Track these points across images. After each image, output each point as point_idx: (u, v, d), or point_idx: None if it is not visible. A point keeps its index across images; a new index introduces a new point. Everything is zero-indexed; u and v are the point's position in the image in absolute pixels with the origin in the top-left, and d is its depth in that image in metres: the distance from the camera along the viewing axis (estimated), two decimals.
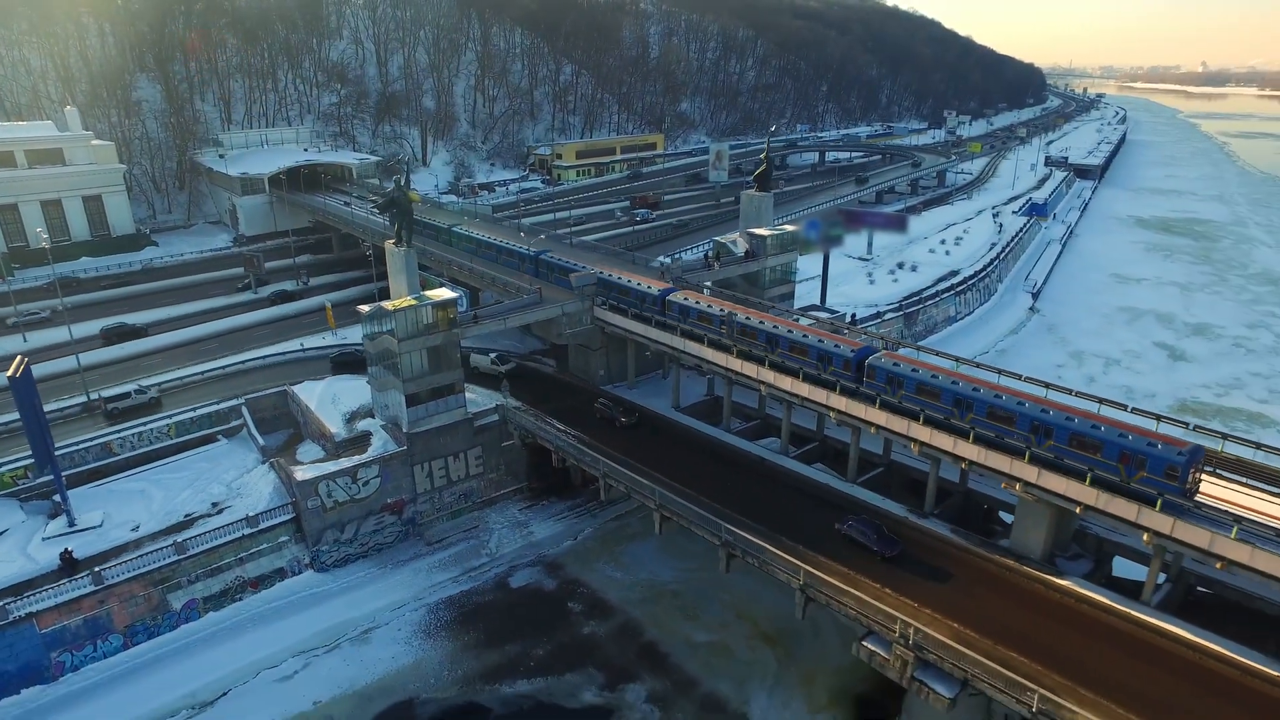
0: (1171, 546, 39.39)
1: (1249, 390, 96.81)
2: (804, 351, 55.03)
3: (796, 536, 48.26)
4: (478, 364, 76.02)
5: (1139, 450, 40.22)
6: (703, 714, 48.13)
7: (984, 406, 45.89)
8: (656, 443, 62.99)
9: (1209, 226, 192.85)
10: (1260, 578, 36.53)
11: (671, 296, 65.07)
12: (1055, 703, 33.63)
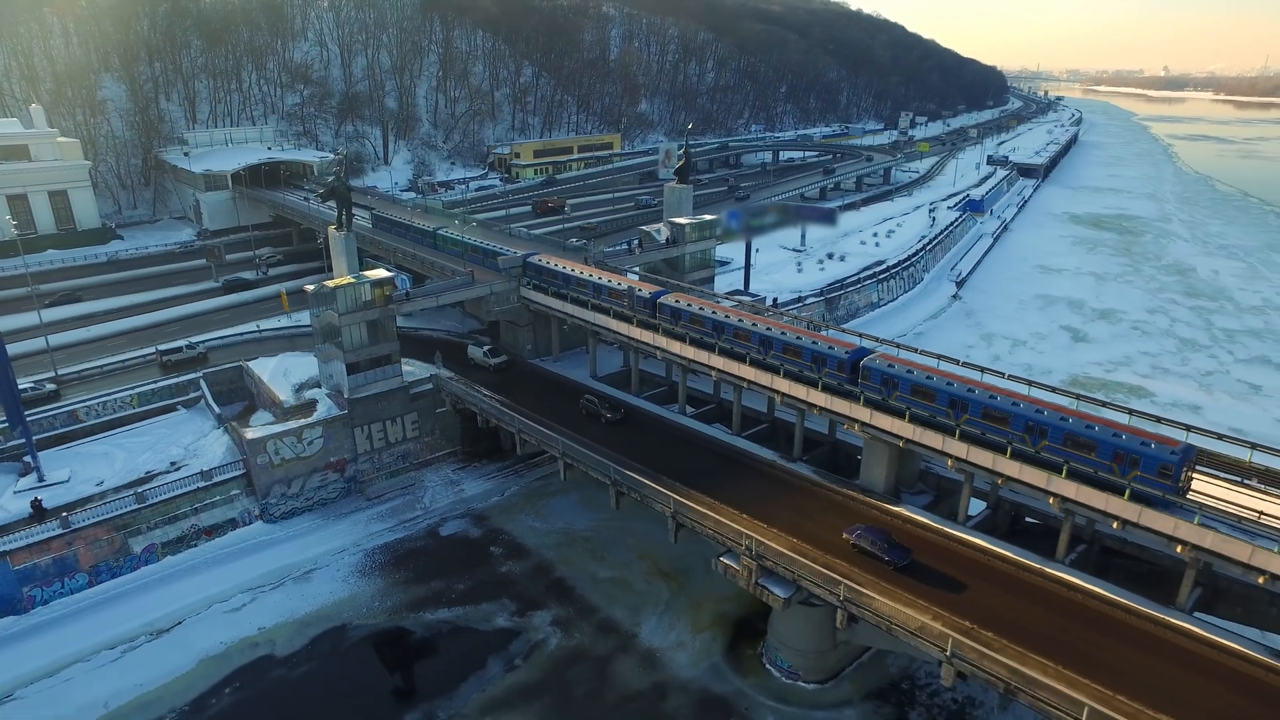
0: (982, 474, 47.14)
1: (1135, 367, 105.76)
2: (798, 353, 55.49)
3: (680, 478, 55.75)
4: (473, 355, 79.69)
5: (1133, 450, 41.13)
6: (599, 634, 55.37)
7: (979, 407, 46.60)
8: (573, 407, 70.24)
9: (1136, 222, 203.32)
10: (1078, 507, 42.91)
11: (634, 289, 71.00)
12: (858, 591, 41.32)
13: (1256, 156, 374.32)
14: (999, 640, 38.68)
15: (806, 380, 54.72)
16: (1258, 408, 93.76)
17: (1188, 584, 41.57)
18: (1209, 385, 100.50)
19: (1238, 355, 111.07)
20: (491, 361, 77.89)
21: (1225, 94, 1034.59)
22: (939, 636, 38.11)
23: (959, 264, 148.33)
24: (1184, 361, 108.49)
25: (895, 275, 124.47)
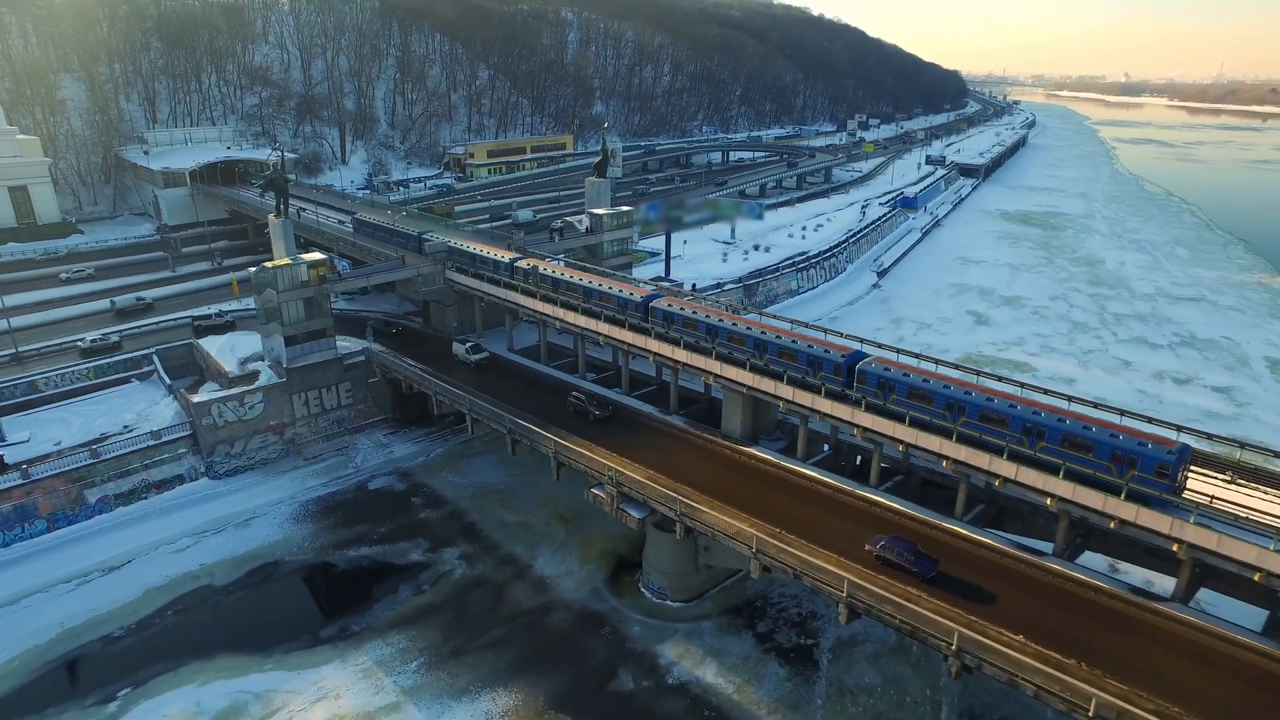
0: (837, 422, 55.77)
1: (1025, 346, 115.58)
2: (794, 357, 56.18)
3: (565, 425, 64.10)
4: (456, 352, 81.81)
5: (1130, 450, 41.74)
6: (499, 565, 63.47)
7: (976, 410, 47.17)
8: (491, 376, 78.27)
9: (1061, 219, 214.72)
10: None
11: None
12: (691, 506, 49.88)
13: (1190, 159, 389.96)
14: (799, 540, 47.35)
15: (809, 386, 54.89)
16: (1124, 380, 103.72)
17: (962, 494, 50.38)
18: (1087, 362, 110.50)
19: (1120, 336, 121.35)
20: (473, 358, 79.84)
21: (1179, 100, 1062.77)
22: (748, 536, 46.71)
23: (883, 256, 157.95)
24: (1071, 341, 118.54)
25: (816, 265, 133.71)
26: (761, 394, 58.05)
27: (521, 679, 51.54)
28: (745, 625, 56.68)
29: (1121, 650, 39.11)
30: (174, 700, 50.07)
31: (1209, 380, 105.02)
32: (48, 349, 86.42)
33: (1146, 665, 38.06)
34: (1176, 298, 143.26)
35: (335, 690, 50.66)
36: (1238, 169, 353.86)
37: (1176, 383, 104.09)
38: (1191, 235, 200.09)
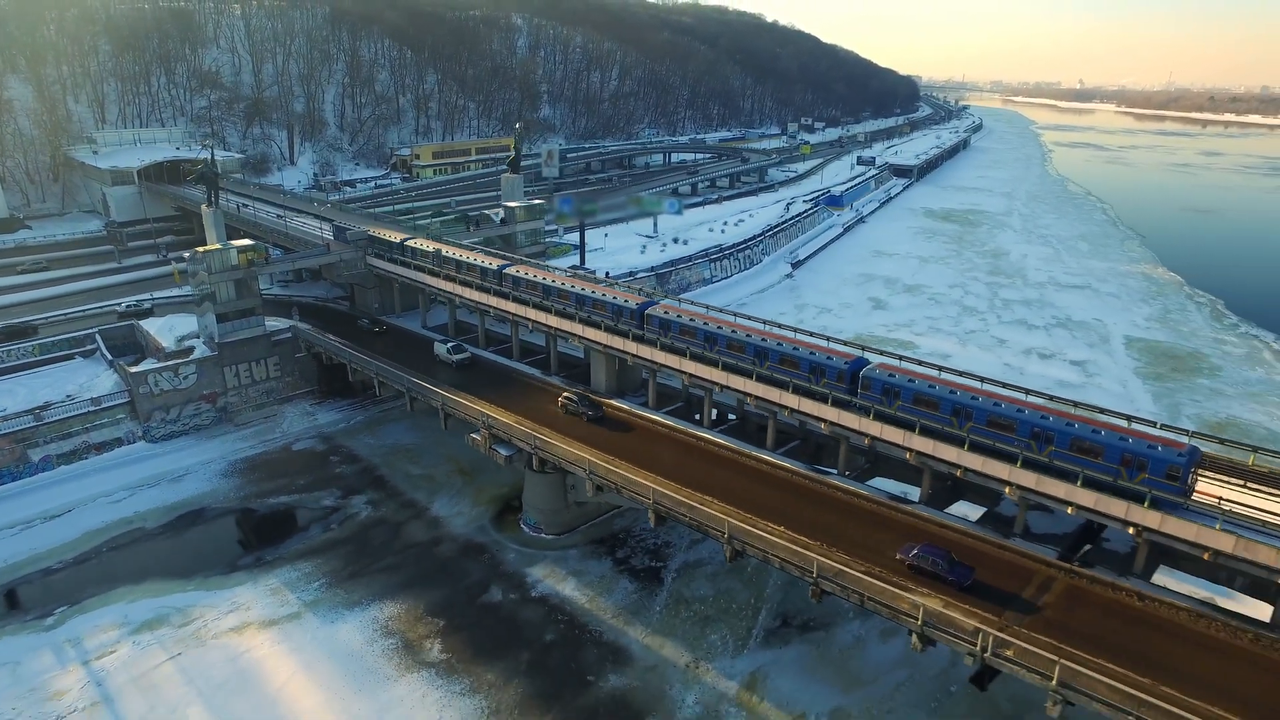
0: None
1: (914, 327, 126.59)
2: (795, 364, 56.36)
3: (453, 382, 73.12)
4: (438, 352, 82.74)
5: (1140, 453, 41.56)
6: (400, 508, 72.31)
7: (984, 415, 46.94)
8: (401, 349, 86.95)
9: (981, 216, 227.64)
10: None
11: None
12: (546, 442, 59.35)
13: (1119, 162, 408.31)
14: (624, 464, 57.09)
15: (816, 395, 55.11)
16: (995, 356, 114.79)
17: (844, 454, 59.21)
18: (966, 341, 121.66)
19: (1003, 319, 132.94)
20: (454, 358, 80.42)
21: (1127, 106, 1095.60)
22: (585, 461, 56.28)
23: (800, 249, 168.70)
24: (957, 323, 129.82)
25: (730, 256, 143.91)
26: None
27: (407, 594, 60.51)
28: (606, 552, 66.10)
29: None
30: (105, 614, 58.30)
31: (1070, 355, 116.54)
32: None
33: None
34: (1065, 285, 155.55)
35: (246, 604, 59.23)
36: (1159, 171, 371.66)
37: (1041, 358, 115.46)
38: (1096, 231, 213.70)
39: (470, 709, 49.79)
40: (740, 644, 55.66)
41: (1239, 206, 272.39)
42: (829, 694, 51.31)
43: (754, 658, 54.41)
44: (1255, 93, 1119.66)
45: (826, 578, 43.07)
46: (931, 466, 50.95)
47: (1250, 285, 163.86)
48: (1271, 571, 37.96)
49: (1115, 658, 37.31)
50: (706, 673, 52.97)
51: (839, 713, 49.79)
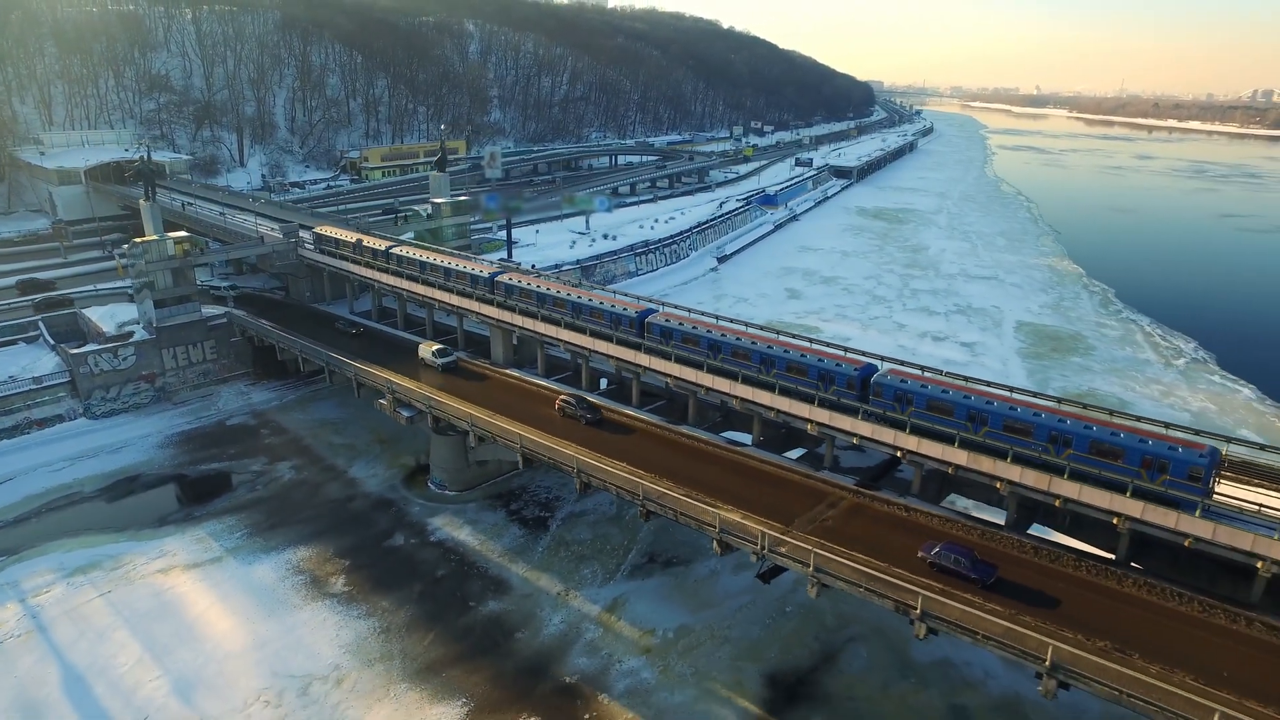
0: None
1: (822, 314, 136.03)
2: (803, 371, 55.79)
3: (370, 358, 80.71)
4: (424, 356, 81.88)
5: (1161, 454, 41.32)
6: (321, 472, 79.60)
7: (999, 419, 46.47)
8: (328, 331, 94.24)
9: (910, 214, 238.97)
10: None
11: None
12: (439, 402, 67.24)
13: (1056, 165, 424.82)
14: (505, 417, 65.25)
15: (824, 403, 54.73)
16: (892, 339, 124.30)
17: (693, 408, 67.73)
18: (869, 325, 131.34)
19: (908, 306, 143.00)
20: (439, 361, 79.66)
21: (1078, 112, 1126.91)
22: (467, 415, 64.51)
23: (729, 244, 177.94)
24: (863, 311, 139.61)
25: (656, 251, 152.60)
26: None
27: (319, 540, 67.98)
28: (502, 505, 74.02)
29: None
30: (41, 563, 64.97)
31: (962, 338, 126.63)
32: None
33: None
34: (973, 277, 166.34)
35: (173, 551, 66.30)
36: (1091, 174, 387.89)
37: (935, 340, 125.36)
38: (1017, 228, 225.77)
39: (364, 629, 57.46)
40: (608, 576, 63.93)
41: (1154, 206, 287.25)
42: (678, 615, 59.68)
43: (618, 587, 62.69)
44: (1200, 100, 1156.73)
45: (651, 499, 51.46)
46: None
47: (1143, 276, 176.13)
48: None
49: (867, 550, 46.12)
50: (574, 598, 61.14)
51: (684, 629, 58.16)
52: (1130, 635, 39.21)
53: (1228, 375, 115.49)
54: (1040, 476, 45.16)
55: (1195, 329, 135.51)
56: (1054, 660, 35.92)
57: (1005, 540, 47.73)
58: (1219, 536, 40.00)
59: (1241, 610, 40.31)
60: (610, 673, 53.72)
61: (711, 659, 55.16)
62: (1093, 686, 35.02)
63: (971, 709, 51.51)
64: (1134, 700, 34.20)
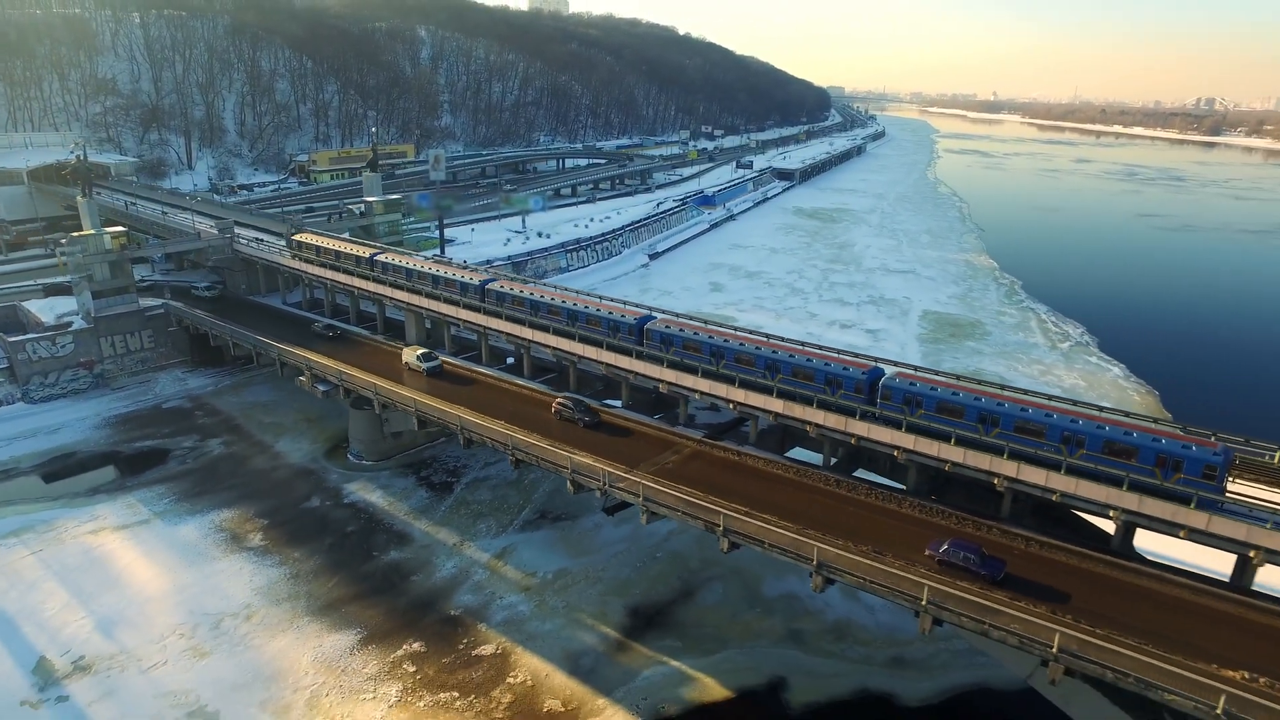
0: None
1: (740, 306, 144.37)
2: (810, 375, 55.32)
3: (297, 343, 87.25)
4: (408, 360, 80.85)
5: (1175, 453, 41.41)
6: (249, 447, 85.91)
7: (1011, 420, 46.43)
8: (261, 319, 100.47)
9: (845, 214, 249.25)
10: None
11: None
12: (349, 375, 74.14)
13: (997, 168, 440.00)
14: (407, 387, 72.22)
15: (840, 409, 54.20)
16: (802, 326, 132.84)
17: (565, 374, 75.29)
18: (782, 315, 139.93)
19: (823, 298, 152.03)
20: (424, 366, 79.25)
21: (1031, 117, 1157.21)
22: (373, 385, 71.60)
23: (662, 242, 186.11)
24: (780, 302, 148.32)
25: (588, 248, 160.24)
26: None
27: (241, 504, 74.42)
28: (413, 472, 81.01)
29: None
30: None
31: (868, 325, 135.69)
32: None
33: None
34: (892, 271, 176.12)
35: (103, 516, 72.30)
36: (1028, 175, 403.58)
37: (842, 327, 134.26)
38: (944, 226, 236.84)
39: (275, 575, 64.19)
40: (501, 530, 71.26)
41: (1079, 206, 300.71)
42: (559, 560, 67.16)
43: (509, 539, 70.01)
44: (1147, 107, 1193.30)
45: (520, 449, 58.96)
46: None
47: (1051, 270, 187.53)
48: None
49: (695, 486, 54.10)
50: (468, 548, 68.36)
51: (562, 572, 65.62)
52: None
53: (1104, 356, 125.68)
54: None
55: (1086, 316, 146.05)
56: (820, 559, 43.92)
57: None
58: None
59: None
60: (491, 607, 61.04)
61: (583, 595, 62.73)
62: (844, 577, 43.05)
63: (807, 632, 59.60)
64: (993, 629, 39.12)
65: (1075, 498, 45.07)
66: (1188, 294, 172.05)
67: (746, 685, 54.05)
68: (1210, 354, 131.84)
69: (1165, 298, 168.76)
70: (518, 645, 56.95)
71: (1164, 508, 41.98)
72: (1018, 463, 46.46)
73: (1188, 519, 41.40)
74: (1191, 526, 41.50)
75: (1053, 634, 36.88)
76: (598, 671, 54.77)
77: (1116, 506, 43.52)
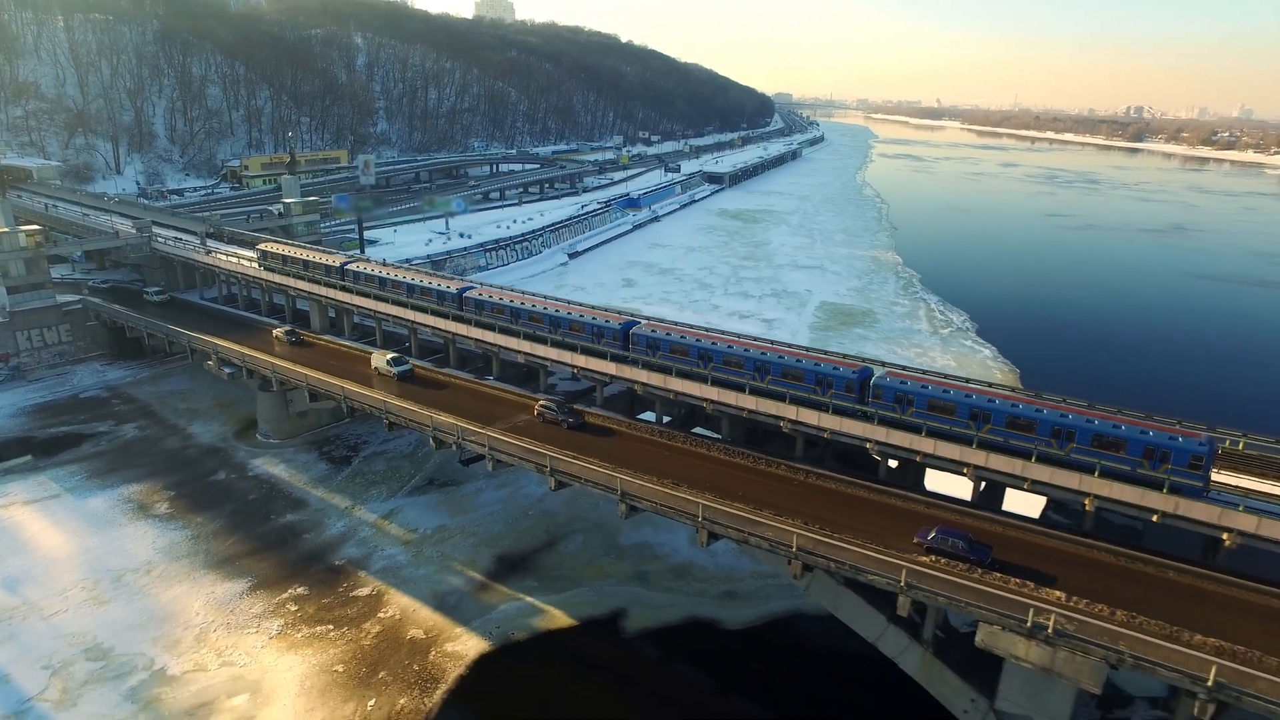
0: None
1: (648, 300, 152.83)
2: (800, 376, 56.06)
3: (209, 331, 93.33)
4: (377, 365, 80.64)
5: (1162, 444, 42.69)
6: (163, 430, 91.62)
7: (1002, 417, 47.35)
8: (187, 314, 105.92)
9: (768, 215, 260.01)
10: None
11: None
12: (252, 357, 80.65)
13: (926, 172, 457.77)
14: (311, 369, 79.11)
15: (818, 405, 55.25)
16: (704, 317, 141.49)
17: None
18: (685, 307, 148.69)
19: (729, 291, 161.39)
20: (395, 370, 78.58)
21: (970, 123, 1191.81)
22: (270, 364, 78.28)
23: (583, 242, 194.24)
24: (687, 295, 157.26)
25: (507, 247, 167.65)
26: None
27: (150, 479, 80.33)
28: (316, 448, 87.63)
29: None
30: None
31: (765, 315, 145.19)
32: None
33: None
34: (800, 266, 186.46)
35: (14, 493, 77.50)
36: (953, 179, 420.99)
37: (741, 317, 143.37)
38: (860, 226, 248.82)
39: (177, 537, 70.52)
40: (390, 495, 78.40)
41: (994, 206, 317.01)
42: (440, 519, 74.52)
43: (397, 502, 77.18)
44: (1082, 114, 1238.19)
45: (393, 413, 66.42)
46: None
47: (952, 264, 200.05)
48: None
49: (537, 438, 62.12)
50: (358, 510, 75.36)
51: (441, 528, 72.98)
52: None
53: (979, 340, 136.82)
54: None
55: (972, 306, 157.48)
56: (623, 489, 52.16)
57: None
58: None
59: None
60: (372, 557, 68.24)
61: (457, 547, 70.26)
62: (641, 503, 51.31)
63: (651, 573, 67.78)
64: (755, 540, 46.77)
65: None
66: (1069, 285, 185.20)
67: (590, 616, 62.02)
68: (1075, 337, 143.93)
69: (1048, 289, 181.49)
70: (392, 588, 64.29)
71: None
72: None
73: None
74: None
75: (791, 535, 45.44)
76: (460, 607, 62.35)
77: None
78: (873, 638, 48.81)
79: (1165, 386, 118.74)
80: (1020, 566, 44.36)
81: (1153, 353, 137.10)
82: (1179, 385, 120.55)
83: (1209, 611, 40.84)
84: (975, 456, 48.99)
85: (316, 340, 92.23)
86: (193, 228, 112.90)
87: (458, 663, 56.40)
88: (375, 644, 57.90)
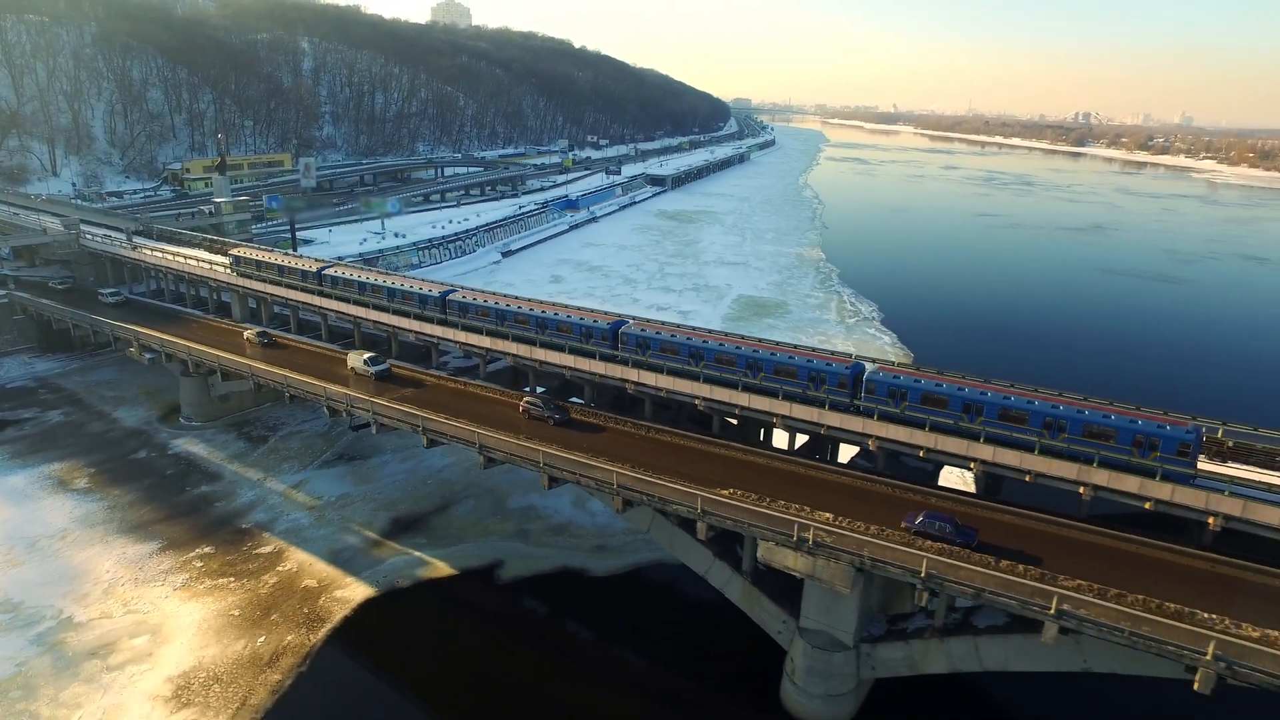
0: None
1: (572, 294, 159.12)
2: (792, 373, 56.93)
3: (141, 323, 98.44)
4: (353, 364, 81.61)
5: (1151, 433, 43.82)
6: (89, 416, 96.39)
7: (995, 409, 48.25)
8: (129, 311, 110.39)
9: (705, 215, 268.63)
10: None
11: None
12: (171, 342, 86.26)
13: (869, 174, 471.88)
14: (226, 353, 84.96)
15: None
16: (621, 308, 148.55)
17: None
18: (607, 300, 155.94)
19: (652, 286, 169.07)
20: (372, 370, 79.23)
21: (924, 128, 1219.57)
22: (184, 347, 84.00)
23: (517, 241, 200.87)
24: (610, 290, 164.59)
25: (440, 246, 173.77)
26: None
27: (72, 458, 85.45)
28: (236, 429, 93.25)
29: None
30: None
31: (682, 308, 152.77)
32: None
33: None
34: (726, 263, 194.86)
35: None
36: (894, 180, 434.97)
37: (659, 309, 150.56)
38: (792, 225, 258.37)
39: (94, 507, 75.93)
40: (301, 468, 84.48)
41: (928, 207, 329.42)
42: (344, 488, 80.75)
43: (306, 475, 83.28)
44: (1032, 120, 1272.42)
45: (293, 386, 72.74)
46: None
47: (874, 260, 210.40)
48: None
49: (422, 405, 68.96)
50: (269, 482, 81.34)
51: (345, 496, 79.19)
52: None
53: (882, 328, 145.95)
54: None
55: (882, 297, 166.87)
56: (481, 442, 59.20)
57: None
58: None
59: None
60: (277, 521, 74.38)
61: (357, 511, 76.66)
62: (495, 454, 58.39)
63: (532, 530, 74.67)
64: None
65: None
66: (982, 280, 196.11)
67: (470, 567, 68.82)
68: (976, 326, 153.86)
69: (960, 282, 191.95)
70: (292, 546, 70.55)
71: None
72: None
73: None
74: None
75: (613, 474, 52.87)
76: (353, 561, 68.81)
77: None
78: (702, 571, 56.79)
79: (1058, 370, 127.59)
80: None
81: (1050, 341, 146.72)
82: (1072, 369, 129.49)
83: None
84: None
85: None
86: (120, 225, 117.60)
87: (344, 606, 62.90)
88: (271, 592, 64.17)
